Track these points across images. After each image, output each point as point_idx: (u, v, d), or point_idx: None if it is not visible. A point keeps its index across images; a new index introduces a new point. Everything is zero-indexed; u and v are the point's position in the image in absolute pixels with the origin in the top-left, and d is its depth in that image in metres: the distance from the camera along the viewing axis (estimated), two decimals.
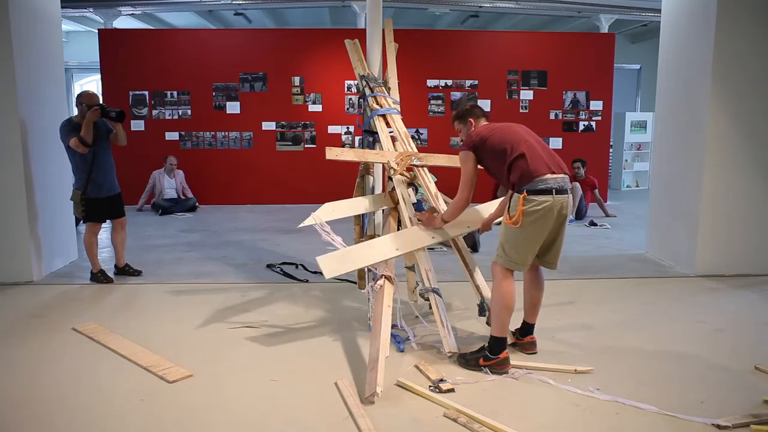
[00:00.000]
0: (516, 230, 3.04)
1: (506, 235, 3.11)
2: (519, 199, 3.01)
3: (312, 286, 4.79)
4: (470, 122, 3.49)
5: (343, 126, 9.73)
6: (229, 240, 6.75)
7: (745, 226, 5.16)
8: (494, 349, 3.07)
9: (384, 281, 3.38)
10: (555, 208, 3.02)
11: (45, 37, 5.30)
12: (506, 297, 3.08)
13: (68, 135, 4.67)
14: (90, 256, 4.98)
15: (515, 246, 3.08)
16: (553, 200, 3.01)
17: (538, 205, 2.99)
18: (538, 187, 3.00)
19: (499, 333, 3.08)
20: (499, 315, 3.09)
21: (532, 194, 3.00)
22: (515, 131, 3.23)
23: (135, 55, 9.44)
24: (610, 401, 2.76)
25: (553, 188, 3.02)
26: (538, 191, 3.00)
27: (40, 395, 2.87)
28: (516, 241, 3.07)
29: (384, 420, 2.58)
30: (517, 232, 3.05)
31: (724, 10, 4.91)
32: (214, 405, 2.76)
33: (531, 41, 9.97)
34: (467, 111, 3.54)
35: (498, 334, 3.08)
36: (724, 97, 5.01)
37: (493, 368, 3.04)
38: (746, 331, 3.82)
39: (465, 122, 3.52)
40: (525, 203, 2.99)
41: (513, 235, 3.07)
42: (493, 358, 3.05)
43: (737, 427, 2.50)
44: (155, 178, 8.97)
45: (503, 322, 3.09)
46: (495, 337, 3.08)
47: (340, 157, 3.96)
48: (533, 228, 3.03)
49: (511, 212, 3.06)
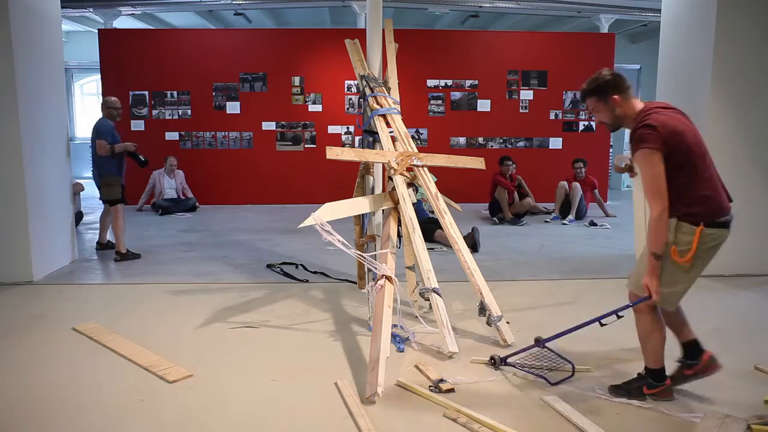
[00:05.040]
0: (681, 269, 2.56)
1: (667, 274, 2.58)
2: (696, 233, 2.51)
3: (312, 286, 4.79)
4: (614, 101, 2.65)
5: (343, 126, 9.73)
6: (229, 240, 6.75)
7: (745, 227, 5.12)
8: (657, 378, 2.75)
9: (384, 281, 3.38)
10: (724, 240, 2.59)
11: (45, 37, 5.30)
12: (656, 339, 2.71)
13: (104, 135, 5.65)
14: (121, 237, 5.78)
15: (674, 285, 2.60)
16: (726, 234, 2.58)
17: (714, 240, 2.54)
18: (717, 220, 2.54)
19: (656, 365, 2.74)
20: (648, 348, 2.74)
21: (710, 227, 2.52)
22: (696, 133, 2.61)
23: (135, 55, 9.45)
24: (610, 401, 2.76)
25: (729, 220, 2.59)
26: (717, 224, 2.54)
27: (40, 395, 2.87)
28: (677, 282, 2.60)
29: (384, 420, 2.58)
30: (682, 271, 2.57)
31: (724, 10, 4.91)
32: (214, 405, 2.76)
33: (531, 41, 9.98)
34: (607, 83, 2.65)
35: (656, 366, 2.74)
36: (724, 97, 5.01)
37: (660, 396, 2.74)
38: (746, 331, 3.82)
39: (606, 100, 2.67)
40: (702, 238, 2.51)
41: (677, 275, 2.58)
42: (659, 385, 2.74)
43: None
44: (155, 178, 8.97)
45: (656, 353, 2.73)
46: (653, 370, 2.75)
47: (341, 156, 3.96)
48: (701, 267, 2.58)
49: (679, 246, 2.54)
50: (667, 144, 2.50)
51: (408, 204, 3.86)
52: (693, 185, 2.55)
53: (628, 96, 2.66)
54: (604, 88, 2.65)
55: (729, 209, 2.61)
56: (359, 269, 4.56)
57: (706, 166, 2.60)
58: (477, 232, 6.19)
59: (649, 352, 2.75)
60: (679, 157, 2.53)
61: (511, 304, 4.09)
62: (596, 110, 2.72)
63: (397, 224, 3.99)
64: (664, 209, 2.49)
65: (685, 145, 2.54)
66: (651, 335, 2.72)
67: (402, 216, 3.89)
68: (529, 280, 4.87)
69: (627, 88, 2.66)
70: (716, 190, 2.59)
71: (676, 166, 2.53)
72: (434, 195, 3.92)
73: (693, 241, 2.51)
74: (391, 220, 3.96)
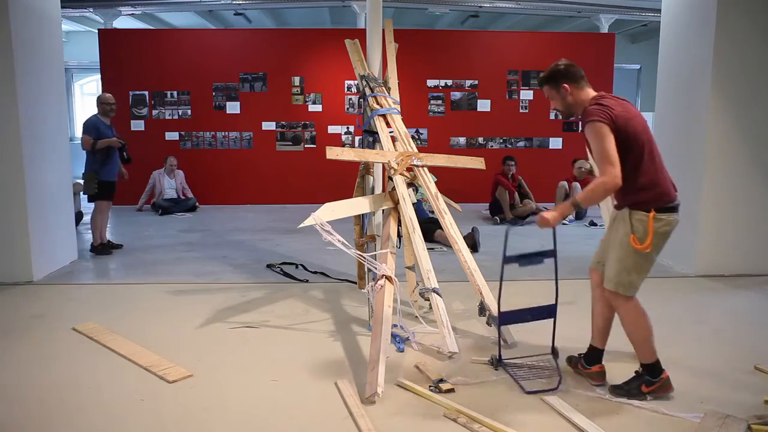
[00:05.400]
0: (643, 253, 2.69)
1: (630, 259, 2.71)
2: (649, 219, 2.65)
3: (312, 286, 4.79)
4: (564, 89, 2.82)
5: (343, 126, 9.73)
6: (229, 240, 6.75)
7: (745, 227, 5.16)
8: (653, 374, 2.77)
9: (384, 281, 3.38)
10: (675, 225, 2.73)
11: (45, 37, 5.30)
12: (641, 329, 2.76)
13: (88, 130, 5.82)
14: (94, 232, 5.97)
15: (641, 271, 2.73)
16: (677, 217, 2.73)
17: (666, 224, 2.68)
18: (667, 205, 2.69)
19: (650, 360, 2.77)
20: (637, 341, 2.79)
21: (661, 212, 2.67)
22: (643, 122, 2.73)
23: (135, 55, 9.45)
24: (611, 401, 2.77)
25: (678, 204, 2.73)
26: (667, 209, 2.69)
27: (40, 395, 2.87)
28: (642, 266, 2.73)
29: (384, 420, 2.58)
30: (644, 256, 2.70)
31: (724, 10, 4.91)
32: (214, 405, 2.76)
33: (531, 41, 9.97)
34: (560, 72, 2.82)
35: (649, 361, 2.77)
36: (724, 97, 5.01)
37: (659, 392, 2.76)
38: (746, 331, 3.82)
39: (557, 88, 2.84)
40: (656, 223, 2.65)
41: (641, 261, 2.71)
42: (657, 381, 2.75)
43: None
44: (155, 178, 8.97)
45: (649, 351, 2.77)
46: (647, 365, 2.78)
47: (341, 156, 3.96)
48: (657, 250, 2.72)
49: (638, 234, 2.67)
50: (615, 123, 2.63)
51: (408, 204, 3.86)
52: (639, 171, 2.68)
53: (580, 85, 2.80)
54: (555, 76, 2.83)
55: (676, 195, 2.75)
56: (359, 269, 4.57)
57: (653, 154, 2.72)
58: (477, 232, 6.19)
59: (639, 344, 2.80)
60: (627, 140, 2.65)
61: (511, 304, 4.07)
62: (551, 97, 2.90)
63: (397, 224, 3.98)
64: (615, 177, 2.56)
65: (632, 128, 2.66)
66: (637, 322, 2.78)
67: (402, 216, 3.88)
68: (529, 280, 4.86)
69: (579, 78, 2.80)
70: (662, 176, 2.72)
71: (623, 148, 2.64)
72: (434, 195, 3.92)
73: (648, 227, 2.64)
74: (391, 220, 3.96)
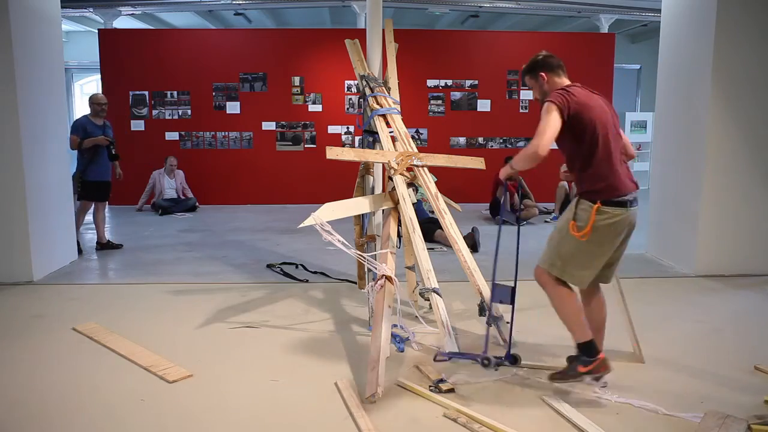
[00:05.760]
0: (580, 243, 2.73)
1: (566, 245, 2.77)
2: (592, 210, 2.69)
3: (312, 286, 4.79)
4: (542, 77, 2.92)
5: (343, 126, 9.73)
6: (229, 240, 6.75)
7: (745, 227, 5.16)
8: (588, 353, 2.76)
9: (384, 281, 3.38)
10: (625, 223, 2.74)
11: (45, 37, 5.30)
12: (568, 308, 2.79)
13: (75, 130, 5.89)
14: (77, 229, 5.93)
15: (574, 260, 2.77)
16: (627, 213, 2.73)
17: (611, 218, 2.70)
18: (614, 199, 2.70)
19: (582, 338, 2.77)
20: (568, 321, 2.81)
21: (608, 206, 2.70)
22: (605, 116, 2.76)
23: (135, 55, 9.45)
24: (610, 401, 2.76)
25: (629, 200, 2.74)
26: (614, 203, 2.70)
27: (40, 395, 2.87)
28: (578, 255, 2.76)
29: (384, 420, 2.58)
30: (580, 245, 2.74)
31: (724, 10, 4.91)
32: (214, 405, 2.76)
33: (531, 41, 9.97)
34: (538, 62, 2.94)
35: (582, 340, 2.77)
36: (724, 97, 5.01)
37: (598, 371, 2.75)
38: (746, 331, 3.82)
39: (536, 77, 2.94)
40: (598, 215, 2.69)
41: (575, 248, 2.75)
42: (593, 360, 2.75)
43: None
44: (155, 178, 8.97)
45: (580, 329, 2.78)
46: (581, 343, 2.78)
47: (341, 156, 3.96)
48: (600, 243, 2.74)
49: (578, 221, 2.73)
50: (571, 109, 2.70)
51: (408, 204, 3.86)
52: (592, 162, 2.74)
53: (557, 73, 2.92)
54: (534, 66, 2.95)
55: (629, 191, 2.75)
56: (359, 269, 4.57)
57: (609, 148, 2.75)
58: (477, 232, 6.19)
59: (570, 322, 2.82)
60: (579, 126, 2.72)
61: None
62: (531, 87, 3.01)
63: (397, 224, 3.98)
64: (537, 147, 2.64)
65: (589, 118, 2.71)
66: (564, 302, 2.82)
67: (402, 216, 3.88)
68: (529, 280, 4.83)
69: (555, 67, 2.92)
70: (615, 170, 2.74)
71: (575, 135, 2.73)
72: (434, 195, 3.92)
73: (590, 217, 2.69)
74: (391, 220, 3.96)
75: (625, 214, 2.73)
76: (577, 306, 2.84)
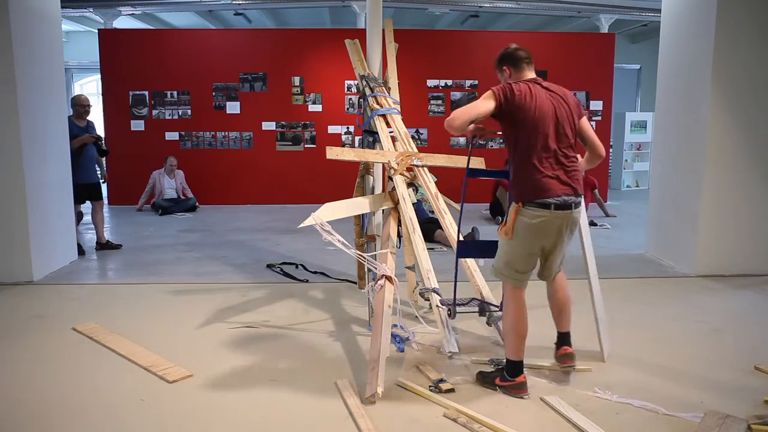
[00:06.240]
0: (508, 242, 2.80)
1: (501, 245, 2.87)
2: (513, 210, 2.76)
3: (312, 286, 4.79)
4: (505, 70, 2.96)
5: (343, 126, 9.73)
6: (229, 240, 6.75)
7: (745, 226, 5.16)
8: (510, 371, 2.82)
9: (384, 281, 3.38)
10: (552, 225, 2.72)
11: (45, 37, 5.30)
12: (512, 319, 2.83)
13: None
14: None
15: (506, 257, 2.84)
16: (552, 216, 2.70)
17: (532, 218, 2.71)
18: (537, 200, 2.70)
19: (512, 356, 2.82)
20: (507, 337, 2.87)
21: (529, 207, 2.71)
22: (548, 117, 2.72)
23: (135, 55, 9.45)
24: (610, 401, 2.77)
25: (553, 203, 2.69)
26: (537, 204, 2.70)
27: (40, 395, 2.87)
28: (509, 255, 2.83)
29: (384, 420, 2.58)
30: (509, 244, 2.81)
31: (724, 10, 4.91)
32: (214, 405, 2.76)
33: (531, 41, 9.95)
34: (503, 56, 2.97)
35: (511, 357, 2.82)
36: (724, 96, 5.01)
37: (509, 390, 2.81)
38: (746, 331, 3.82)
39: (500, 70, 2.99)
40: (519, 215, 2.73)
41: (507, 250, 2.84)
42: (509, 380, 2.81)
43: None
44: (155, 178, 8.97)
45: (514, 346, 2.82)
46: (508, 360, 2.84)
47: (341, 156, 3.96)
48: (523, 244, 2.78)
49: (507, 221, 2.81)
50: (506, 99, 2.71)
51: (408, 204, 3.86)
52: (522, 164, 2.74)
53: (520, 67, 2.91)
54: (500, 59, 2.99)
55: (557, 194, 2.69)
56: (359, 269, 4.57)
57: (549, 150, 2.72)
58: (477, 232, 6.19)
59: (509, 336, 2.85)
60: (514, 119, 2.73)
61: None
62: (499, 79, 3.02)
63: (397, 224, 3.98)
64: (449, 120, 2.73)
65: (527, 113, 2.70)
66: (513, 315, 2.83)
67: (402, 216, 3.88)
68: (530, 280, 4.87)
69: (519, 60, 2.91)
70: (543, 172, 2.69)
71: (510, 127, 2.77)
72: (434, 195, 3.92)
73: (511, 218, 2.75)
74: (391, 220, 3.96)
75: (548, 217, 2.69)
76: (524, 326, 2.84)
